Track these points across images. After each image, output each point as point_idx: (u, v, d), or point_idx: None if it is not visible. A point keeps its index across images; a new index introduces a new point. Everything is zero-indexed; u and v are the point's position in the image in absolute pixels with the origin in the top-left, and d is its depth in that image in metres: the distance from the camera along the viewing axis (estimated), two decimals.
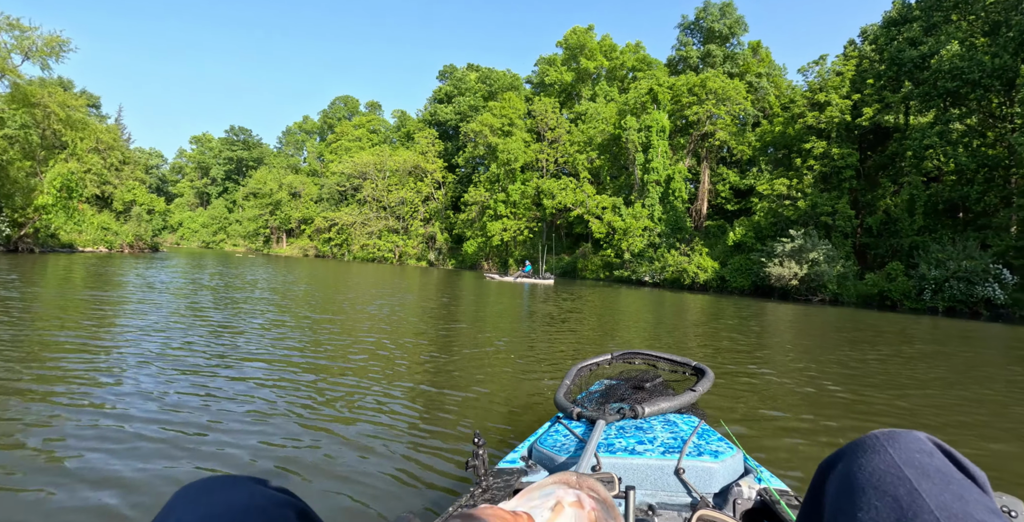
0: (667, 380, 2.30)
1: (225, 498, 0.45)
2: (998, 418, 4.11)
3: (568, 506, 0.51)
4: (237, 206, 76.72)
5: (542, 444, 1.77)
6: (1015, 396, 4.98)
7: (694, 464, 1.58)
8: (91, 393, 3.49)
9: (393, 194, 56.90)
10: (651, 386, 2.17)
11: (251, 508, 0.44)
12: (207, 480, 0.48)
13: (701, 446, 1.70)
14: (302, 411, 3.41)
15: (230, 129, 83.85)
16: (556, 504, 0.51)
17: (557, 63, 50.40)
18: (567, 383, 2.26)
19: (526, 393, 4.20)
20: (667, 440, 1.73)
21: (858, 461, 0.61)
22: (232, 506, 0.44)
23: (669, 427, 1.85)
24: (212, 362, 4.60)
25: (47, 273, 13.48)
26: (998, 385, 5.52)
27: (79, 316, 6.58)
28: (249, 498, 0.45)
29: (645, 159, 34.76)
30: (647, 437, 1.76)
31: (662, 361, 2.48)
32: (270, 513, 0.42)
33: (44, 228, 27.63)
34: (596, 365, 2.53)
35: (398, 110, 70.15)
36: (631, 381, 2.25)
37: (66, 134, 29.10)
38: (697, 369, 2.32)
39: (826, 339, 9.20)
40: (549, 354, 6.14)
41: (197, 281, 13.85)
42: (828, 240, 24.83)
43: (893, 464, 0.58)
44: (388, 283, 18.31)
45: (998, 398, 4.87)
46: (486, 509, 0.41)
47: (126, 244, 35.34)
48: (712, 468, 1.58)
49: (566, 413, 1.96)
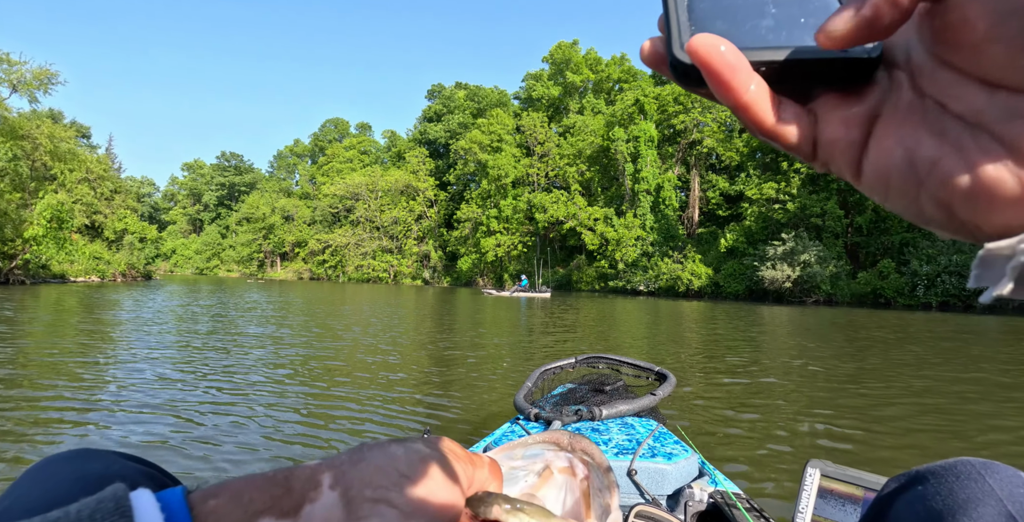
0: (629, 384, 2.26)
1: (82, 468, 0.42)
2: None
3: (558, 472, 0.44)
4: (230, 231, 76.76)
5: (496, 445, 1.75)
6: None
7: (647, 466, 1.55)
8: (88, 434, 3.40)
9: (386, 214, 57.09)
10: (611, 389, 2.13)
11: (105, 476, 0.41)
12: (66, 452, 0.45)
13: (656, 448, 1.66)
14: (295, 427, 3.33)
15: (221, 155, 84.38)
16: (544, 469, 0.44)
17: (544, 78, 51.07)
18: (528, 385, 2.23)
19: (503, 399, 4.13)
20: (622, 442, 1.70)
21: (948, 486, 0.54)
22: (87, 474, 0.41)
23: (626, 430, 1.81)
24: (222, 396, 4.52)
25: (38, 304, 13.36)
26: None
27: (70, 348, 6.48)
28: (106, 467, 0.43)
29: (635, 169, 35.03)
30: (602, 439, 1.73)
31: (625, 365, 2.44)
32: (129, 479, 0.37)
33: (35, 259, 27.50)
34: (560, 368, 2.49)
35: (388, 130, 70.82)
36: (592, 384, 2.20)
37: (55, 166, 29.17)
38: (660, 374, 2.29)
39: (825, 340, 9.15)
40: (536, 363, 6.06)
41: (191, 310, 13.73)
42: (819, 241, 24.94)
43: (992, 495, 0.51)
44: (383, 305, 18.22)
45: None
46: (445, 440, 0.34)
47: (119, 273, 35.17)
48: (664, 470, 1.54)
49: (524, 414, 1.93)
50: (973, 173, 0.17)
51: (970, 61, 0.17)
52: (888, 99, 0.20)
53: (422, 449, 0.33)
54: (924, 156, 0.18)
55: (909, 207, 0.19)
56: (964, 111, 0.18)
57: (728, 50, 0.19)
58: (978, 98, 0.17)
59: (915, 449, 3.14)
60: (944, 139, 0.18)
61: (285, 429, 3.36)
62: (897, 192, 0.19)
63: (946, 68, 0.18)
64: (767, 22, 0.21)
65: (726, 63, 0.19)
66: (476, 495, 0.35)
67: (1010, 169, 0.17)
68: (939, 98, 0.19)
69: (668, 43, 0.21)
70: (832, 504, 1.14)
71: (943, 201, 0.18)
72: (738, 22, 0.21)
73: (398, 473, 0.31)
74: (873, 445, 3.20)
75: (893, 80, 0.20)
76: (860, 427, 3.56)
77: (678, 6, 0.22)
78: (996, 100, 0.17)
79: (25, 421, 3.40)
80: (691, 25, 0.21)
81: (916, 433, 3.47)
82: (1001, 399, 4.50)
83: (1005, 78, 0.17)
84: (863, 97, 0.20)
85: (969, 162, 0.17)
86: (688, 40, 0.20)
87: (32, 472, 0.43)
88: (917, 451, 3.10)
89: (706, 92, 0.20)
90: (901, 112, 0.19)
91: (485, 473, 0.36)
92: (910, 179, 0.19)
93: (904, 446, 3.19)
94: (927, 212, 0.19)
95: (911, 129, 0.19)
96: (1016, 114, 0.17)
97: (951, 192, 0.18)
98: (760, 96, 0.20)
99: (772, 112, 0.20)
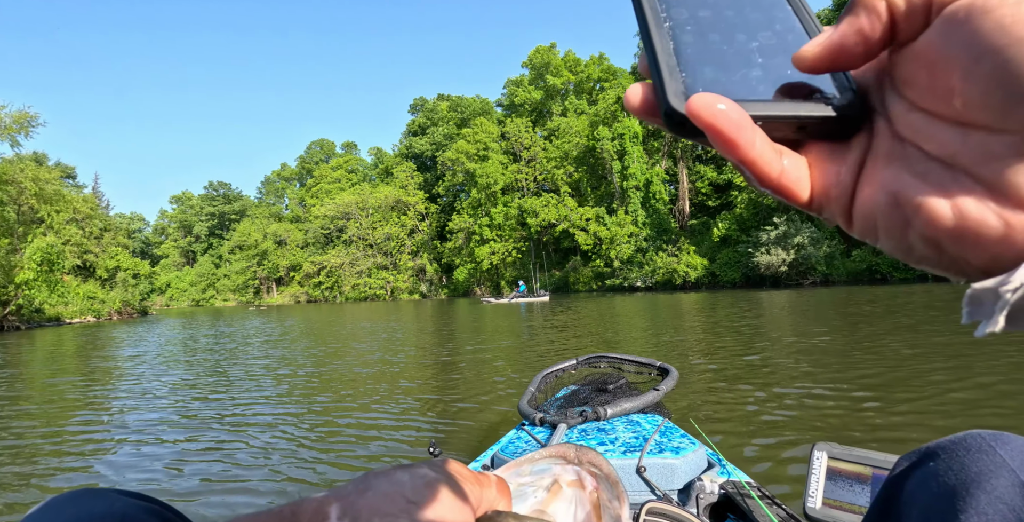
0: (632, 381, 2.26)
1: (85, 508, 0.42)
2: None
3: (566, 486, 0.43)
4: (223, 261, 76.49)
5: (504, 452, 1.74)
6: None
7: (655, 461, 1.54)
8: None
9: (378, 231, 57.06)
10: (614, 387, 2.12)
11: (109, 515, 0.41)
12: (68, 493, 0.45)
13: (663, 443, 1.65)
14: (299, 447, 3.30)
15: (209, 184, 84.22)
16: (553, 483, 0.43)
17: (525, 83, 51.37)
18: (531, 390, 2.22)
19: (510, 406, 4.10)
20: (629, 440, 1.69)
21: (959, 460, 0.54)
22: (91, 515, 0.41)
23: (632, 427, 1.80)
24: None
25: (34, 348, 13.24)
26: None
27: (67, 390, 6.42)
28: (109, 506, 0.43)
29: (622, 166, 35.19)
30: (609, 438, 1.72)
31: (627, 363, 2.43)
32: (132, 518, 0.39)
33: (28, 304, 27.31)
34: (562, 370, 2.48)
35: (374, 147, 70.96)
36: (595, 384, 2.20)
37: (41, 209, 29.06)
38: (662, 369, 2.29)
39: (823, 321, 9.16)
40: (540, 368, 6.04)
41: (187, 344, 13.66)
42: (811, 223, 25.07)
43: (1005, 467, 0.51)
44: (382, 322, 18.16)
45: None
46: (450, 463, 0.34)
47: (114, 311, 34.92)
48: (673, 464, 1.54)
49: (529, 419, 1.92)
50: (957, 214, 0.17)
51: (942, 103, 0.18)
52: (871, 146, 0.20)
53: (428, 473, 0.33)
54: (909, 199, 0.19)
55: (899, 247, 0.20)
56: (940, 153, 0.18)
57: (729, 108, 0.19)
58: (953, 140, 0.18)
59: (923, 425, 3.13)
60: (926, 181, 0.18)
61: (297, 453, 3.33)
62: (886, 234, 0.20)
63: (918, 111, 0.19)
64: (756, 72, 0.21)
65: (730, 122, 0.19)
66: (486, 515, 0.34)
67: (992, 208, 0.17)
68: (915, 141, 0.19)
69: (660, 92, 0.21)
70: (841, 486, 1.14)
71: (932, 240, 0.18)
72: (728, 69, 0.21)
73: (405, 500, 0.31)
74: (879, 424, 3.19)
75: (874, 127, 0.21)
76: (865, 406, 3.56)
77: (664, 50, 0.21)
78: (970, 141, 0.17)
79: (26, 461, 3.35)
80: (681, 71, 0.21)
81: (924, 408, 3.46)
82: (1007, 368, 4.50)
83: (978, 119, 0.17)
84: (850, 146, 0.21)
85: (953, 203, 0.17)
86: (680, 89, 0.20)
87: (35, 515, 0.42)
88: (926, 427, 3.10)
89: (704, 141, 0.20)
90: (883, 157, 0.20)
91: (493, 492, 0.36)
92: (897, 221, 0.19)
93: (912, 424, 3.18)
94: (917, 251, 0.19)
95: (894, 173, 0.19)
96: (991, 155, 0.17)
97: (938, 232, 0.18)
98: (765, 150, 0.20)
99: (777, 165, 0.20)
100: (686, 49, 0.21)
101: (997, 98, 0.16)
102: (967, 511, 0.49)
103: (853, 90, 0.20)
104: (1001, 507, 0.48)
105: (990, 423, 3.11)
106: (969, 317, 0.18)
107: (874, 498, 0.66)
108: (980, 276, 0.18)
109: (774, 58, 0.21)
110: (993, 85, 0.16)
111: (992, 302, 0.17)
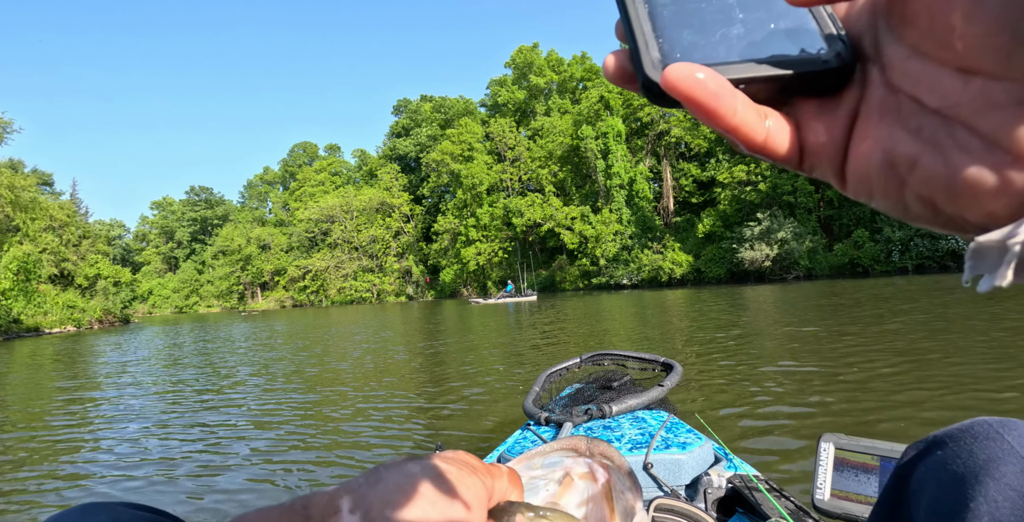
0: (636, 378, 2.28)
1: (92, 521, 0.42)
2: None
3: (578, 478, 0.43)
4: (207, 267, 75.30)
5: (510, 452, 1.74)
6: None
7: (662, 457, 1.56)
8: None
9: (363, 233, 56.65)
10: (619, 385, 2.14)
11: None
12: (76, 507, 0.45)
13: (669, 439, 1.67)
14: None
15: (190, 189, 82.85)
16: (564, 476, 0.43)
17: (508, 83, 51.36)
18: (536, 390, 2.23)
19: (509, 405, 4.12)
20: (635, 436, 1.71)
21: (967, 448, 0.53)
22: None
23: (637, 424, 1.82)
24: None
25: (12, 359, 12.93)
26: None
27: (52, 401, 6.29)
28: (115, 519, 0.43)
29: (606, 165, 35.38)
30: (615, 435, 1.74)
31: (631, 360, 2.46)
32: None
33: (5, 314, 26.65)
34: (566, 369, 2.50)
35: (358, 149, 70.41)
36: (599, 382, 2.21)
37: (17, 217, 28.38)
38: (666, 365, 2.30)
39: (809, 314, 9.31)
40: (534, 366, 6.06)
41: (170, 353, 13.44)
42: (793, 218, 25.46)
43: (1013, 453, 0.50)
44: (370, 325, 18.04)
45: None
46: (461, 454, 0.34)
47: (95, 320, 34.20)
48: (680, 460, 1.55)
49: (534, 419, 1.93)
50: (953, 170, 0.17)
51: (944, 46, 0.17)
52: (863, 97, 0.20)
53: (439, 465, 0.33)
54: (903, 156, 0.18)
55: (895, 206, 0.19)
56: (939, 104, 0.17)
57: (707, 77, 0.18)
58: (953, 88, 0.17)
59: (927, 413, 3.17)
60: (921, 136, 0.18)
61: (300, 458, 3.31)
62: (881, 192, 0.19)
63: (918, 57, 0.18)
64: (736, 30, 0.20)
65: (708, 92, 0.18)
66: (498, 505, 0.35)
67: (989, 163, 0.16)
68: (912, 92, 0.18)
69: (635, 59, 0.20)
70: (848, 477, 1.16)
71: (927, 198, 0.18)
72: (706, 30, 0.20)
73: (417, 491, 0.31)
74: (883, 414, 3.22)
75: (867, 77, 0.20)
76: (866, 397, 3.62)
77: (639, 14, 0.20)
78: (971, 89, 0.16)
79: (17, 479, 3.29)
80: (657, 37, 0.20)
81: (923, 398, 3.50)
82: (1001, 355, 4.59)
83: (982, 63, 0.16)
84: (841, 99, 0.20)
85: (948, 159, 0.17)
86: (657, 57, 0.19)
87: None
88: (930, 415, 3.13)
89: (685, 110, 0.19)
90: (876, 111, 0.19)
91: (505, 483, 0.36)
92: (892, 179, 0.19)
93: (917, 413, 3.21)
94: (913, 210, 0.19)
95: (887, 129, 0.18)
96: (993, 103, 0.16)
97: (933, 189, 0.17)
98: (747, 115, 0.19)
99: (761, 129, 0.19)
100: (662, 11, 0.20)
101: (1001, 39, 0.15)
102: (976, 498, 0.49)
103: (843, 39, 0.19)
104: (1011, 493, 0.48)
105: (997, 409, 3.18)
106: (972, 271, 0.18)
107: (883, 487, 0.68)
108: (978, 232, 0.17)
109: (755, 12, 0.20)
110: (998, 25, 0.15)
111: (999, 255, 0.16)
